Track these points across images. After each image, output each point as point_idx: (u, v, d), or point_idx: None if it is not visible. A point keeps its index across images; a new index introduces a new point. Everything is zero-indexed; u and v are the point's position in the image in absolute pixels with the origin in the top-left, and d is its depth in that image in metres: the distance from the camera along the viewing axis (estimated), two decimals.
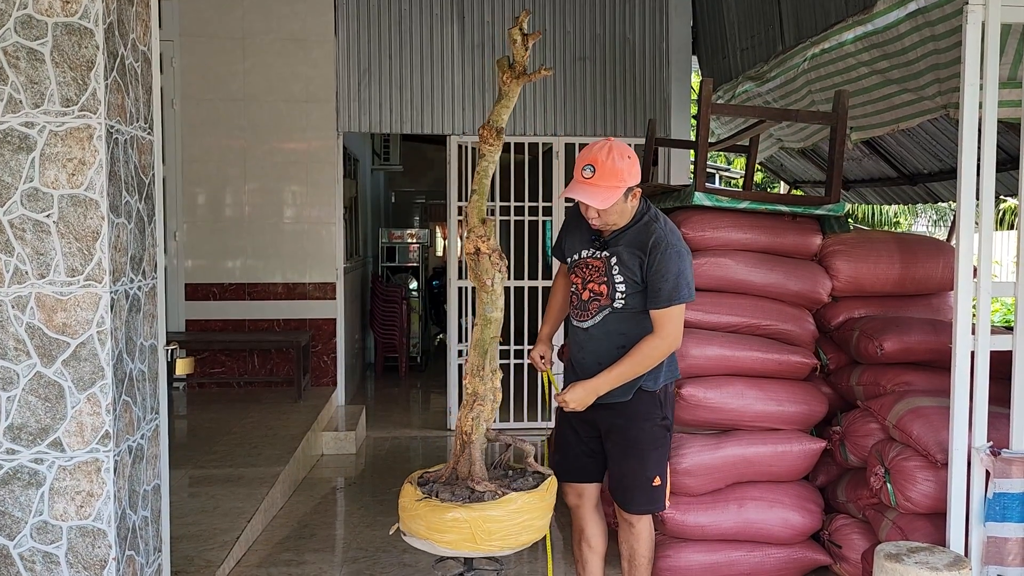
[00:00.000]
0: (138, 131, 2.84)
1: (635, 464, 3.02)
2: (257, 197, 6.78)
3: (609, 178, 2.77)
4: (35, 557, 2.58)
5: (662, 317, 2.85)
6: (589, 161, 2.79)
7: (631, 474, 3.03)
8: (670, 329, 2.85)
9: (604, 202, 2.78)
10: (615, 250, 2.94)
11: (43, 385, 2.55)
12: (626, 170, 2.79)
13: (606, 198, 2.78)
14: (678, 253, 2.85)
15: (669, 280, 2.82)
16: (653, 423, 3.03)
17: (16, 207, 2.51)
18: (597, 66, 6.96)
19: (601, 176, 2.77)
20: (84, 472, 2.58)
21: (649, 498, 3.05)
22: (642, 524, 3.08)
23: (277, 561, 4.05)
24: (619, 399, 3.01)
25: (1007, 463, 3.18)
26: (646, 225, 2.91)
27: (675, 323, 2.85)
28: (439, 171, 8.11)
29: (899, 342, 3.79)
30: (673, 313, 2.84)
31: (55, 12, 2.49)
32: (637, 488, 3.03)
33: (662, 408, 3.06)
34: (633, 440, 3.01)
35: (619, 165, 2.77)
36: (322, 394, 6.63)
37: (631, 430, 3.01)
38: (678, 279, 2.83)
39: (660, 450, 3.06)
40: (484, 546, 2.59)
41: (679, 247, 2.88)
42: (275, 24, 6.69)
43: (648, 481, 3.03)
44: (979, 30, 3.16)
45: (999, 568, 3.23)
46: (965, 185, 3.22)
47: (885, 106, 4.58)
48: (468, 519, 2.58)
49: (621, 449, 3.03)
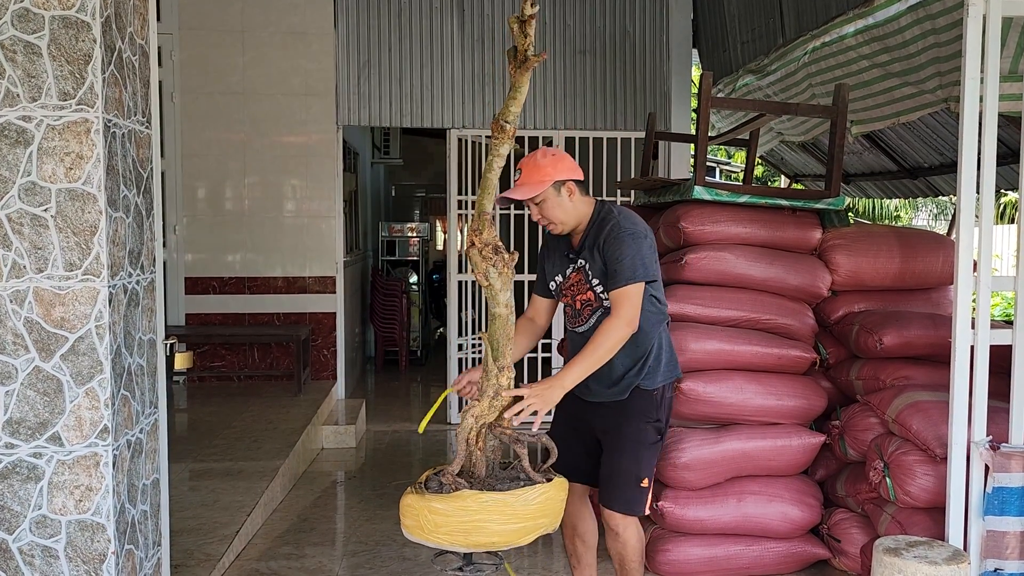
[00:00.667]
0: (136, 125, 2.83)
1: (625, 461, 3.00)
2: (257, 191, 6.77)
3: (532, 173, 2.94)
4: (34, 551, 2.58)
5: (619, 297, 2.86)
6: (518, 167, 3.00)
7: (620, 471, 3.01)
8: (626, 309, 2.85)
9: (527, 193, 2.93)
10: (583, 255, 3.00)
11: (41, 379, 2.55)
12: (549, 165, 2.94)
13: (528, 190, 2.93)
14: (631, 235, 2.89)
15: (623, 261, 2.86)
16: (647, 422, 3.02)
17: (14, 201, 2.50)
18: (597, 59, 6.95)
19: (526, 174, 2.96)
20: (83, 466, 2.58)
21: (634, 498, 3.02)
22: (628, 532, 3.03)
23: (277, 555, 4.06)
24: (615, 398, 3.01)
25: (1006, 457, 3.18)
26: (602, 221, 2.98)
27: (632, 302, 2.86)
28: (439, 165, 8.10)
29: (899, 336, 3.79)
30: (630, 292, 2.86)
31: (52, 5, 2.48)
32: (625, 485, 3.00)
33: (657, 410, 3.04)
34: (625, 437, 3.00)
35: (541, 162, 2.95)
36: (322, 388, 6.64)
37: (624, 427, 3.00)
38: (633, 259, 2.86)
39: (650, 451, 3.04)
40: (427, 536, 2.55)
41: (633, 230, 2.92)
42: (275, 17, 6.68)
43: (637, 480, 3.00)
44: (980, 24, 3.15)
45: (998, 561, 3.23)
46: (965, 180, 3.22)
47: (886, 99, 4.57)
48: (416, 507, 2.55)
49: (613, 446, 3.03)
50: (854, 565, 3.72)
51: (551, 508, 2.61)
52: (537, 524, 2.57)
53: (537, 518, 2.56)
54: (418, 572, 3.85)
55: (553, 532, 2.71)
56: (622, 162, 6.90)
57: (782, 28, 5.75)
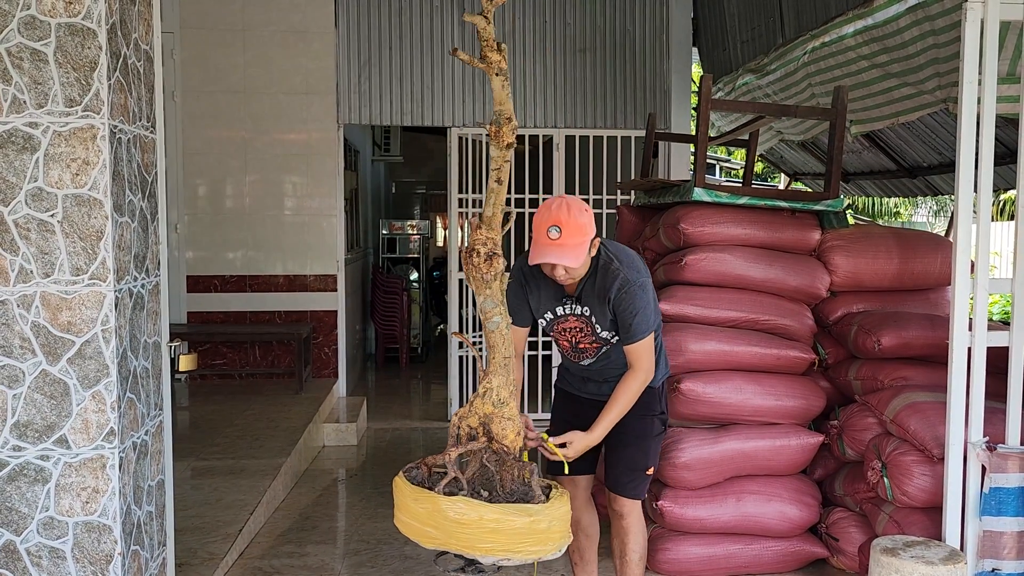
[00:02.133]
0: (141, 130, 2.86)
1: (635, 452, 3.11)
2: (258, 189, 6.80)
3: (576, 235, 2.75)
4: (42, 552, 2.61)
5: (636, 351, 2.93)
6: (553, 222, 2.76)
7: (629, 461, 3.11)
8: (645, 361, 2.94)
9: (576, 260, 2.77)
10: (588, 303, 2.94)
11: (49, 383, 2.58)
12: (588, 224, 2.79)
13: (577, 255, 2.77)
14: (641, 287, 2.88)
15: (638, 315, 2.87)
16: (654, 415, 3.14)
17: (21, 207, 2.53)
18: (597, 58, 6.96)
19: (568, 234, 2.74)
20: (90, 469, 2.61)
21: (641, 484, 3.14)
22: (632, 517, 3.12)
23: (279, 553, 4.09)
24: None
25: (1003, 458, 3.21)
26: (605, 268, 2.89)
27: (648, 354, 2.95)
28: (439, 162, 8.12)
29: (897, 337, 3.82)
30: (646, 345, 2.93)
31: (58, 13, 2.50)
32: (632, 473, 3.11)
33: (660, 403, 3.17)
34: (635, 430, 3.09)
35: (581, 220, 2.76)
36: (323, 386, 6.67)
37: (633, 421, 3.06)
38: (647, 312, 2.89)
39: (656, 441, 3.17)
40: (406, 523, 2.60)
41: (640, 280, 2.90)
42: (275, 16, 6.69)
43: (644, 469, 3.13)
44: (978, 27, 3.18)
45: (995, 561, 3.27)
46: (963, 184, 3.24)
47: (885, 100, 4.58)
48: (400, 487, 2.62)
49: (621, 439, 3.09)
50: (852, 564, 3.75)
51: (530, 534, 2.51)
52: (510, 548, 2.49)
53: (515, 542, 2.49)
54: (419, 571, 3.88)
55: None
56: (622, 160, 6.92)
57: (782, 28, 5.77)
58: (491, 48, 2.55)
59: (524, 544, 2.50)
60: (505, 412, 2.66)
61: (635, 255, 3.02)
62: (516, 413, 2.67)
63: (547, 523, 2.52)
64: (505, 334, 2.66)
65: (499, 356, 2.65)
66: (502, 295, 2.64)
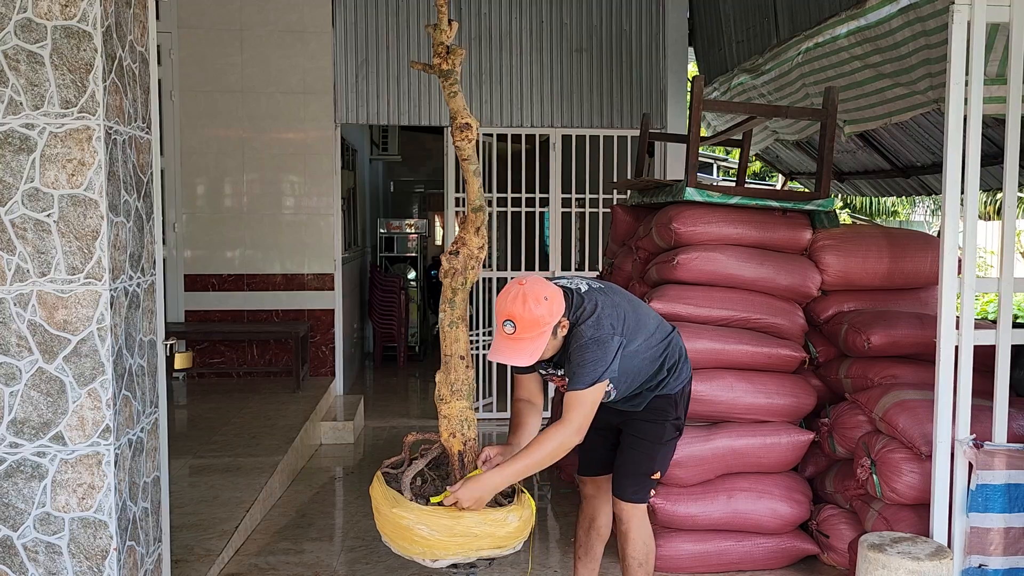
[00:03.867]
0: (136, 131, 2.89)
1: (641, 456, 3.08)
2: (256, 188, 6.82)
3: (530, 328, 2.66)
4: (38, 547, 2.65)
5: (572, 401, 2.74)
6: (507, 316, 2.66)
7: (634, 463, 3.08)
8: (576, 414, 2.73)
9: (531, 356, 2.69)
10: (565, 368, 2.87)
11: (45, 380, 2.61)
12: (546, 314, 2.66)
13: (532, 352, 2.69)
14: (596, 341, 2.74)
15: (584, 367, 2.73)
16: (667, 421, 3.07)
17: (17, 207, 2.56)
18: (594, 58, 6.99)
19: (523, 329, 2.65)
20: (85, 465, 2.64)
21: (643, 488, 3.10)
22: (632, 522, 3.10)
23: (276, 550, 4.13)
24: (633, 409, 3.06)
25: (989, 455, 3.25)
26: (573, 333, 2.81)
27: (583, 410, 2.73)
28: (437, 161, 8.15)
29: (886, 336, 3.85)
30: (582, 397, 2.73)
31: (54, 15, 2.53)
32: (635, 476, 3.08)
33: (676, 408, 3.08)
34: (644, 435, 3.07)
35: (537, 312, 2.65)
36: (320, 384, 6.70)
37: (643, 426, 3.06)
38: (593, 366, 2.73)
39: (667, 446, 3.10)
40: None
41: (598, 335, 2.75)
42: (273, 15, 6.72)
43: (648, 473, 3.08)
44: (965, 30, 3.21)
45: (982, 557, 3.30)
46: (950, 183, 3.28)
47: (878, 100, 4.62)
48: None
49: (631, 441, 3.09)
50: (842, 560, 3.78)
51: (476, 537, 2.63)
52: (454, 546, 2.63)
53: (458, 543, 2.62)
54: (415, 568, 3.91)
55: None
56: (618, 159, 6.95)
57: (776, 28, 5.81)
58: (438, 54, 2.72)
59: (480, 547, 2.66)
60: (443, 409, 2.78)
61: (608, 311, 2.81)
62: (453, 412, 2.75)
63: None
64: (447, 332, 2.77)
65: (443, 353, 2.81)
66: (462, 305, 2.78)
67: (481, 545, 2.64)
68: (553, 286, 2.75)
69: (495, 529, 2.64)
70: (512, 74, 6.90)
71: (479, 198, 2.82)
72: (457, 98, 2.79)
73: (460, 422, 2.77)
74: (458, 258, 2.79)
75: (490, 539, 2.64)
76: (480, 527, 2.63)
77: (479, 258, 2.79)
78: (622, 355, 2.81)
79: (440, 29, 2.79)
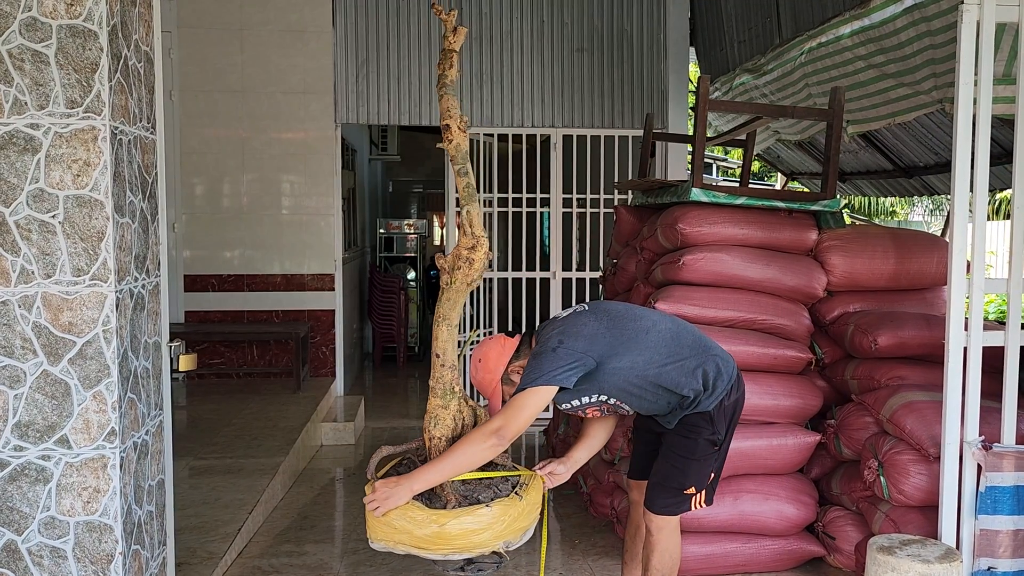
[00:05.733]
0: (141, 131, 2.87)
1: (672, 470, 3.00)
2: (255, 188, 6.80)
3: (483, 387, 2.92)
4: (43, 552, 2.62)
5: (510, 402, 2.80)
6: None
7: (666, 476, 3.01)
8: (502, 418, 2.72)
9: (499, 403, 2.89)
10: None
11: (50, 383, 2.59)
12: (485, 373, 2.90)
13: (497, 401, 2.90)
14: (535, 355, 2.83)
15: (528, 373, 2.80)
16: (699, 437, 2.97)
17: (22, 208, 2.54)
18: (595, 58, 6.98)
19: (480, 388, 2.93)
20: (91, 468, 2.62)
21: (674, 502, 3.02)
22: (661, 534, 3.02)
23: (278, 552, 4.10)
24: (666, 426, 3.00)
25: (998, 457, 3.23)
26: None
27: (510, 412, 2.73)
28: (437, 161, 8.14)
29: (893, 337, 3.84)
30: (514, 402, 2.76)
31: (59, 15, 2.51)
32: (666, 489, 3.01)
33: (712, 424, 2.96)
34: (677, 448, 3.00)
35: (478, 376, 2.93)
36: (321, 385, 6.68)
37: (678, 440, 2.99)
38: (527, 372, 2.80)
39: (701, 462, 2.99)
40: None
41: (538, 350, 2.83)
42: (273, 15, 6.69)
43: (680, 488, 3.00)
44: (974, 30, 3.19)
45: (991, 560, 3.29)
46: (959, 184, 3.26)
47: (881, 100, 4.61)
48: None
49: (665, 452, 3.04)
50: (849, 562, 3.77)
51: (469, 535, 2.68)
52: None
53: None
54: (418, 569, 3.90)
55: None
56: (619, 160, 6.94)
57: (779, 28, 5.79)
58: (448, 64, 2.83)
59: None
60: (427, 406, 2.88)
61: (569, 328, 2.87)
62: (428, 408, 2.84)
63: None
64: (433, 330, 2.88)
65: None
66: (446, 304, 2.84)
67: (458, 545, 2.68)
68: (491, 344, 2.94)
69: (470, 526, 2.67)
70: (513, 74, 6.88)
71: (465, 197, 2.81)
72: (445, 99, 2.79)
73: (431, 419, 2.83)
74: (446, 257, 2.83)
75: (463, 540, 2.69)
76: (456, 525, 2.67)
77: (468, 258, 2.76)
78: (606, 371, 2.82)
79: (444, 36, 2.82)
